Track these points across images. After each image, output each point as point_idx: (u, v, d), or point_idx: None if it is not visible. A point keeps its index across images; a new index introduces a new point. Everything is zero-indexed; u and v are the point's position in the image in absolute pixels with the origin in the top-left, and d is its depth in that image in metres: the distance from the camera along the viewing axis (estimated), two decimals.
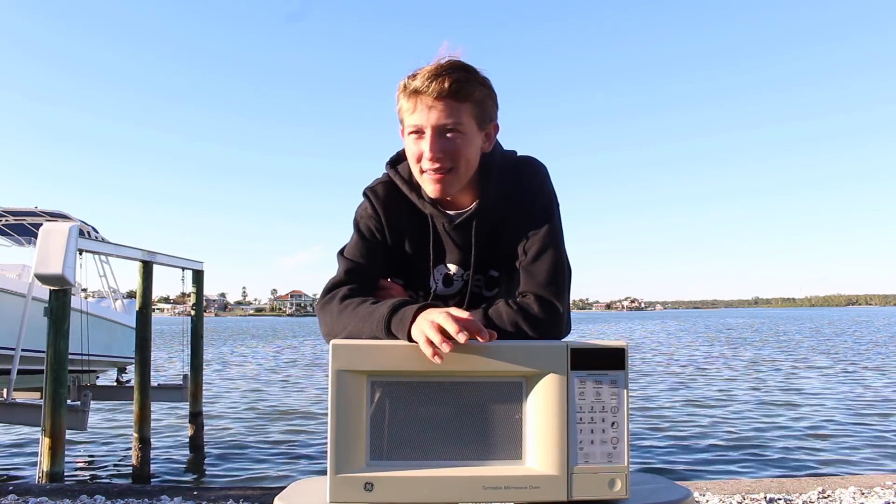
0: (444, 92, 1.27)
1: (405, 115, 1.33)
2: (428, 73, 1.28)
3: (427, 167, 1.32)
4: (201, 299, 10.03)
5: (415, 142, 1.32)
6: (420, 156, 1.32)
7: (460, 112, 1.30)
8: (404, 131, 1.36)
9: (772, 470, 7.26)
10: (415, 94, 1.29)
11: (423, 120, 1.29)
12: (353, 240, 1.44)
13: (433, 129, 1.29)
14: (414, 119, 1.30)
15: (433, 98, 1.28)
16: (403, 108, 1.33)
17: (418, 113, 1.30)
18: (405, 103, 1.32)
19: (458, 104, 1.29)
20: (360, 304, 1.27)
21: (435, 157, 1.30)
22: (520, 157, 1.45)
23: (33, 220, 11.20)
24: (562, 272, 1.34)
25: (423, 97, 1.28)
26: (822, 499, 3.58)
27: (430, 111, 1.29)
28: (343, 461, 1.06)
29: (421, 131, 1.31)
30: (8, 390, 7.36)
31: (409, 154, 1.35)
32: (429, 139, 1.30)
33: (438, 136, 1.30)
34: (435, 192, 1.35)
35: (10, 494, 3.80)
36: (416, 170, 1.35)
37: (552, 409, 1.09)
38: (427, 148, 1.30)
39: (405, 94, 1.31)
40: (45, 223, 7.21)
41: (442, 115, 1.29)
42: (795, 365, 19.53)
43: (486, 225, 1.40)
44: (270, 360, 24.61)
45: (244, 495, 3.86)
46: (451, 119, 1.29)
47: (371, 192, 1.45)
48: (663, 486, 1.25)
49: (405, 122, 1.34)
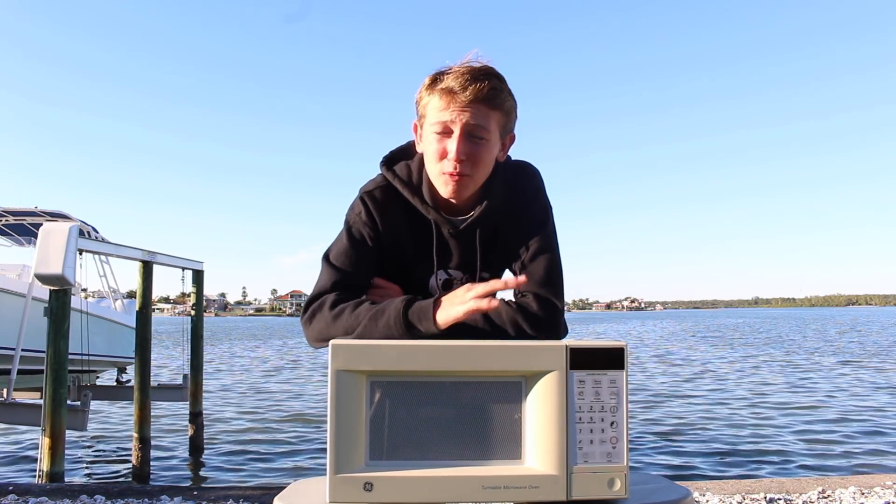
0: (479, 96, 1.25)
1: (431, 112, 1.29)
2: (465, 73, 1.26)
3: (448, 168, 1.29)
4: (201, 299, 10.04)
5: (439, 140, 1.29)
6: (443, 154, 1.29)
7: (490, 118, 1.28)
8: (424, 126, 1.32)
9: (772, 470, 7.26)
10: (449, 92, 1.26)
11: (455, 119, 1.26)
12: (342, 244, 1.38)
13: (462, 130, 1.27)
14: (443, 117, 1.27)
15: (468, 100, 1.25)
16: (431, 105, 1.29)
17: (449, 112, 1.26)
18: (436, 100, 1.28)
19: (490, 110, 1.27)
20: (357, 305, 1.25)
21: (459, 159, 1.27)
22: (515, 161, 1.44)
23: (33, 220, 11.21)
24: (559, 273, 1.35)
25: (457, 97, 1.25)
26: (822, 499, 3.58)
27: (462, 112, 1.26)
28: (343, 461, 1.06)
29: (448, 131, 1.28)
30: (8, 390, 7.36)
31: (431, 151, 1.31)
32: (456, 140, 1.27)
33: (466, 138, 1.27)
34: (450, 193, 1.32)
35: (10, 494, 3.80)
36: (435, 169, 1.31)
37: (551, 408, 1.09)
38: (454, 148, 1.27)
39: (437, 91, 1.27)
40: (45, 223, 7.21)
41: (473, 118, 1.26)
42: (796, 364, 19.53)
43: (487, 230, 1.39)
44: (270, 360, 24.61)
45: (244, 495, 3.86)
46: (481, 123, 1.27)
47: (368, 197, 1.39)
48: (663, 486, 1.25)
49: (430, 117, 1.30)
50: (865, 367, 18.42)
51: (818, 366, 19.06)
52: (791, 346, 28.56)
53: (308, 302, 1.33)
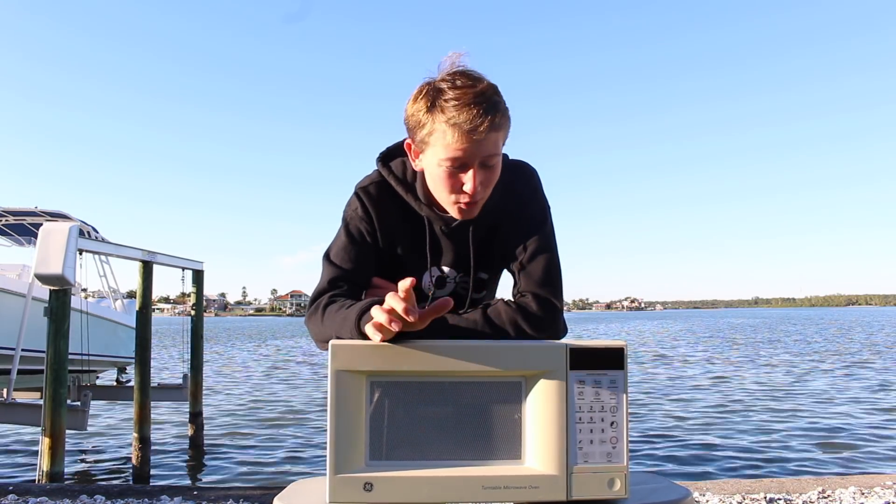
0: (492, 127, 1.21)
1: (440, 146, 1.23)
2: (473, 105, 1.19)
3: (464, 200, 1.27)
4: (201, 299, 10.04)
5: (453, 174, 1.25)
6: (458, 187, 1.26)
7: (499, 142, 1.26)
8: (429, 155, 1.27)
9: (772, 470, 7.26)
10: (460, 129, 1.19)
11: (471, 156, 1.22)
12: (340, 242, 1.38)
13: (479, 164, 1.24)
14: (456, 154, 1.22)
15: (483, 136, 1.20)
16: (439, 138, 1.22)
17: (465, 148, 1.21)
18: (445, 133, 1.21)
19: (497, 133, 1.24)
20: (338, 309, 1.24)
21: (475, 191, 1.25)
22: (513, 160, 1.42)
23: (33, 220, 11.22)
24: (558, 273, 1.34)
25: (471, 135, 1.19)
26: (822, 499, 3.58)
27: (478, 147, 1.21)
28: (342, 461, 1.06)
29: (464, 167, 1.24)
30: (8, 390, 7.36)
31: (440, 182, 1.27)
32: (472, 175, 1.24)
33: (480, 168, 1.25)
34: (463, 217, 1.31)
35: (10, 494, 3.80)
36: (448, 199, 1.29)
37: (551, 408, 1.09)
38: (471, 182, 1.24)
39: (445, 123, 1.20)
40: (45, 223, 7.21)
41: (488, 149, 1.23)
42: (796, 364, 19.53)
43: (482, 228, 1.39)
44: (270, 360, 24.61)
45: (244, 495, 3.86)
46: (494, 151, 1.25)
47: (364, 192, 1.39)
48: (663, 486, 1.25)
49: (438, 151, 1.24)
50: (866, 367, 18.42)
51: (819, 365, 19.06)
52: (791, 346, 28.56)
53: (309, 303, 1.34)
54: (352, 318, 1.16)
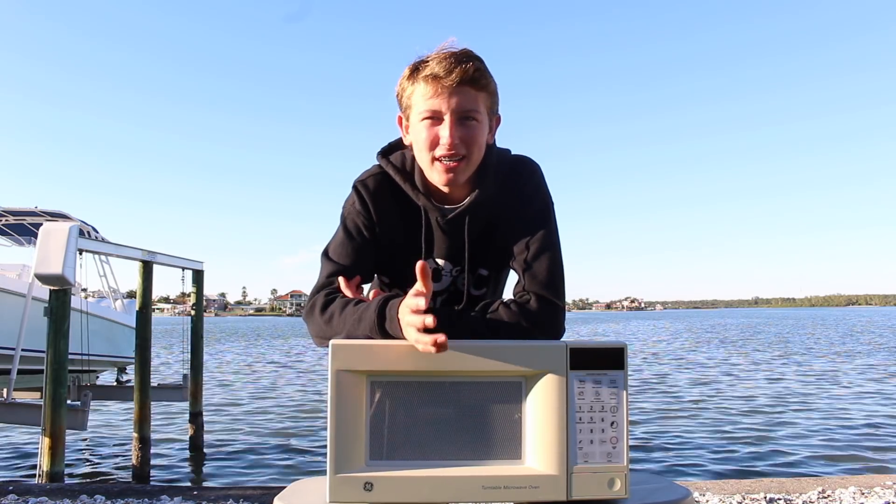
0: (466, 78, 1.24)
1: (418, 100, 1.27)
2: (447, 58, 1.24)
3: (442, 153, 1.27)
4: (201, 299, 10.02)
5: (428, 127, 1.27)
6: (435, 141, 1.27)
7: (478, 100, 1.27)
8: (412, 117, 1.30)
9: (772, 470, 7.25)
10: (434, 78, 1.24)
11: (444, 105, 1.25)
12: (338, 238, 1.39)
13: (453, 114, 1.25)
14: (431, 104, 1.25)
15: (455, 83, 1.23)
16: (417, 93, 1.27)
17: (437, 98, 1.25)
18: (421, 87, 1.26)
19: (477, 92, 1.26)
20: (343, 307, 1.24)
21: (453, 144, 1.25)
22: (515, 155, 1.41)
23: (33, 220, 11.22)
24: (560, 273, 1.33)
25: (443, 81, 1.23)
26: (822, 499, 3.58)
27: (450, 97, 1.24)
28: (343, 461, 1.06)
29: (438, 117, 1.26)
30: (8, 390, 7.36)
31: (421, 140, 1.28)
32: (448, 125, 1.25)
33: (458, 122, 1.26)
34: (446, 181, 1.30)
35: (10, 494, 3.80)
36: (427, 158, 1.29)
37: (552, 408, 1.09)
38: (447, 134, 1.25)
39: (421, 78, 1.25)
40: (45, 223, 7.20)
41: (463, 102, 1.25)
42: (796, 364, 19.52)
43: (478, 221, 1.37)
44: (270, 360, 24.60)
45: (244, 495, 3.86)
46: (471, 106, 1.26)
47: (361, 186, 1.39)
48: (663, 486, 1.25)
49: (416, 107, 1.28)
50: (867, 366, 18.41)
51: (819, 365, 19.05)
52: (792, 346, 28.55)
53: (308, 299, 1.34)
54: (370, 319, 1.18)
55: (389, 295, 1.20)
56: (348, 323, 1.22)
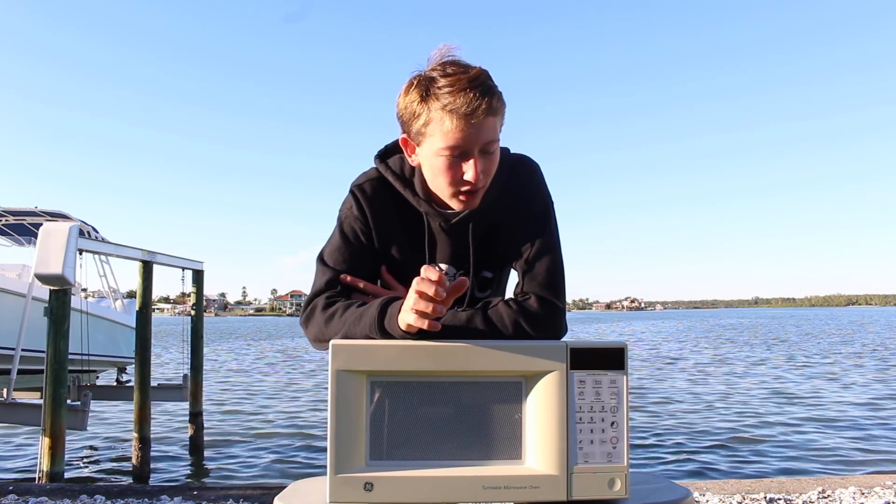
0: (490, 110, 1.18)
1: (437, 133, 1.20)
2: (468, 90, 1.16)
3: (465, 189, 1.24)
4: (201, 299, 10.03)
5: (453, 164, 1.22)
6: (459, 178, 1.23)
7: (496, 126, 1.23)
8: (426, 146, 1.24)
9: (772, 470, 7.25)
10: (459, 115, 1.16)
11: (469, 143, 1.19)
12: (335, 242, 1.36)
13: (480, 150, 1.21)
14: (456, 142, 1.19)
15: (481, 120, 1.17)
16: (435, 125, 1.19)
17: (462, 135, 1.18)
18: (444, 122, 1.18)
19: (495, 118, 1.21)
20: (345, 308, 1.23)
21: (478, 179, 1.22)
22: (514, 155, 1.39)
23: (33, 220, 11.22)
24: (561, 273, 1.32)
25: (469, 119, 1.16)
26: (822, 499, 3.58)
27: (478, 132, 1.18)
28: (343, 461, 1.06)
29: (465, 155, 1.21)
30: (8, 390, 7.36)
31: (441, 174, 1.23)
32: (475, 162, 1.21)
33: (481, 155, 1.22)
34: (465, 208, 1.28)
35: (10, 494, 3.80)
36: (449, 190, 1.26)
37: (552, 408, 1.09)
38: (472, 170, 1.21)
39: (443, 110, 1.17)
40: (45, 223, 7.21)
41: (487, 135, 1.20)
42: (796, 364, 19.52)
43: (481, 225, 1.36)
44: (270, 360, 24.60)
45: (244, 495, 3.86)
46: (493, 136, 1.22)
47: (358, 190, 1.36)
48: (663, 486, 1.25)
49: (435, 140, 1.21)
50: (867, 366, 18.40)
51: (819, 365, 19.05)
52: (792, 346, 28.54)
53: (304, 304, 1.32)
54: (371, 315, 1.17)
55: (396, 295, 1.20)
56: (348, 322, 1.21)
